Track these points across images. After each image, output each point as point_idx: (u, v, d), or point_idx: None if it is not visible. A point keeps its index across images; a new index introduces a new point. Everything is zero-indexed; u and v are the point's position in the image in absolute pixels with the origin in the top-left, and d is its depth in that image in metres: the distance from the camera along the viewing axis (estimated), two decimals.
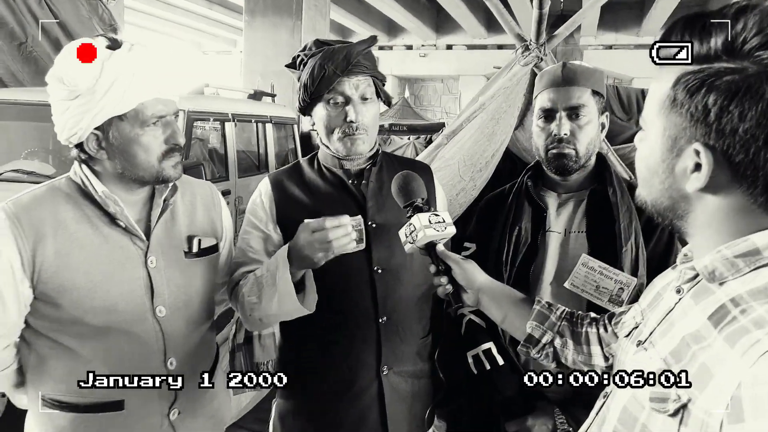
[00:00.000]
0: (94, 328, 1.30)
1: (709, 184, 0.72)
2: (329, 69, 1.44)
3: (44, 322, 1.31)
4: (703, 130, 0.70)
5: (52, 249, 1.26)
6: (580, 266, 1.48)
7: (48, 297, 1.27)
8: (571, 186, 1.60)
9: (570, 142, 1.53)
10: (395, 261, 1.51)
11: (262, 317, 1.43)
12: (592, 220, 1.54)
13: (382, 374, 1.51)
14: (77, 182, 1.34)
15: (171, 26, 16.12)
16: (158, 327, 1.37)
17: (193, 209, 1.50)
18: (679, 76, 0.73)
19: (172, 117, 1.34)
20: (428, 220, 1.23)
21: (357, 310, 1.50)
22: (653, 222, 1.52)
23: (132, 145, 1.29)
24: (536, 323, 1.20)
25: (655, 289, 0.95)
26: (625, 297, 1.43)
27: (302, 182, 1.57)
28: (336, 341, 1.51)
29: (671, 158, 0.75)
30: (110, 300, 1.30)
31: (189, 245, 1.44)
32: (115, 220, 1.32)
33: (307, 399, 1.57)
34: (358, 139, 1.48)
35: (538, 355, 1.21)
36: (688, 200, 0.76)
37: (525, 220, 1.59)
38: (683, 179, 0.75)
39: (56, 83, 1.27)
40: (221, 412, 1.60)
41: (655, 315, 0.86)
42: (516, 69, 2.90)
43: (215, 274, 1.54)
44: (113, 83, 1.23)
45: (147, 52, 1.29)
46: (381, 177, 1.54)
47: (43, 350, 1.33)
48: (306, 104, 1.52)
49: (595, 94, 1.56)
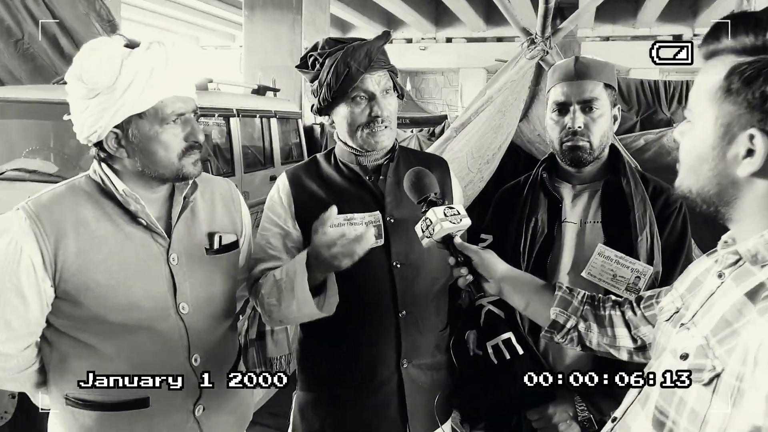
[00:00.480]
0: (116, 326, 1.30)
1: (762, 168, 0.76)
2: (353, 67, 1.44)
3: (66, 320, 1.31)
4: (760, 116, 0.75)
5: (74, 247, 1.26)
6: (597, 256, 1.50)
7: (70, 295, 1.27)
8: (586, 177, 1.63)
9: (584, 135, 1.55)
10: (414, 255, 1.52)
11: (282, 319, 1.45)
12: (607, 210, 1.56)
13: (402, 367, 1.53)
14: (97, 181, 1.34)
15: (168, 21, 16.05)
16: (182, 324, 1.37)
17: (213, 206, 1.50)
18: (733, 66, 0.77)
19: (191, 114, 1.34)
20: (443, 213, 1.24)
21: (377, 304, 1.52)
22: (667, 211, 1.55)
23: (152, 142, 1.29)
24: (560, 309, 1.22)
25: (691, 275, 0.98)
26: (642, 285, 1.45)
27: (320, 178, 1.58)
28: (356, 335, 1.53)
29: (723, 145, 0.79)
30: (133, 297, 1.30)
31: (210, 242, 1.44)
32: (136, 218, 1.32)
33: (327, 392, 1.59)
34: (384, 133, 1.50)
35: (562, 340, 1.23)
36: (737, 186, 0.80)
37: (541, 212, 1.61)
38: (734, 165, 0.79)
39: (75, 82, 1.26)
40: (244, 407, 1.60)
41: (697, 299, 0.89)
42: (522, 62, 2.92)
43: (236, 270, 1.55)
44: (132, 81, 1.23)
45: (165, 49, 1.29)
46: (398, 172, 1.55)
47: (65, 349, 1.33)
48: (327, 104, 1.52)
49: (607, 87, 1.58)
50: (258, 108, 6.01)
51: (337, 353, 1.56)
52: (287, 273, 1.39)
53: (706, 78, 0.82)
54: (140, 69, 1.24)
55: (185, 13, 15.37)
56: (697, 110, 0.83)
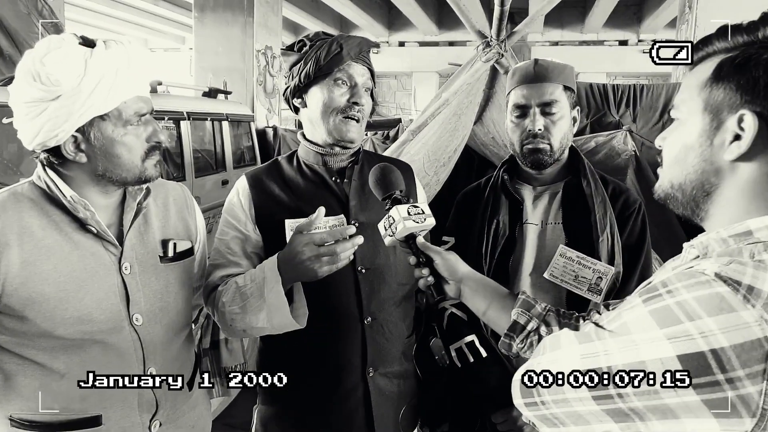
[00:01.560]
0: (66, 341, 1.23)
1: (747, 151, 0.77)
2: (345, 48, 1.45)
3: (10, 336, 1.23)
4: (750, 97, 0.77)
5: (18, 259, 1.18)
6: (558, 257, 1.51)
7: (13, 310, 1.19)
8: (546, 179, 1.64)
9: (544, 137, 1.56)
10: (379, 260, 1.50)
11: (246, 329, 1.38)
12: (568, 211, 1.57)
13: (368, 376, 1.50)
14: (42, 187, 1.26)
15: (116, 23, 15.61)
16: (136, 336, 1.31)
17: (167, 212, 1.45)
18: (724, 58, 0.80)
19: (150, 115, 1.30)
20: (407, 211, 1.22)
21: (341, 310, 1.48)
22: (626, 212, 1.57)
23: (115, 145, 1.24)
24: (522, 310, 1.20)
25: (666, 271, 0.98)
26: (604, 286, 1.46)
27: (282, 180, 1.54)
28: (320, 343, 1.49)
29: (710, 131, 0.81)
30: (83, 310, 1.23)
31: (164, 249, 1.39)
32: (85, 226, 1.26)
33: (291, 403, 1.54)
34: (355, 124, 1.48)
35: (521, 344, 1.19)
36: (719, 174, 0.81)
37: (503, 213, 1.61)
38: (720, 151, 0.80)
39: (30, 82, 1.17)
40: (202, 421, 1.55)
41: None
42: (477, 65, 2.94)
43: (191, 278, 1.49)
44: (99, 82, 1.18)
45: (126, 49, 1.24)
46: (363, 175, 1.52)
47: (10, 367, 1.25)
48: (308, 82, 1.48)
49: (567, 90, 1.59)
50: (209, 111, 5.91)
51: (301, 362, 1.51)
52: (252, 279, 1.34)
53: (694, 77, 0.84)
54: (106, 69, 1.19)
55: (133, 15, 14.97)
56: (683, 107, 0.85)
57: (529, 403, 0.82)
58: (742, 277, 0.67)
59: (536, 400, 0.80)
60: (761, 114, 0.76)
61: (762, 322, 0.63)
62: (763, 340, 0.63)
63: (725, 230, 0.79)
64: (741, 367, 0.63)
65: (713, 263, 0.70)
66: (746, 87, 0.77)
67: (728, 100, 0.79)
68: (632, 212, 1.58)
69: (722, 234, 0.79)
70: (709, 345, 0.64)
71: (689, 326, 0.65)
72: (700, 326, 0.65)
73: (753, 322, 0.63)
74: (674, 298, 0.68)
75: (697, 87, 0.82)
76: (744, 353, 0.63)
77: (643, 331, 0.69)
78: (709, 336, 0.64)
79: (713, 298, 0.66)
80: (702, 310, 0.65)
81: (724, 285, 0.66)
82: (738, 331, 0.63)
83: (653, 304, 0.70)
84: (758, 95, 0.76)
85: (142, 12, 14.88)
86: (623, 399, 0.70)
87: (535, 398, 0.80)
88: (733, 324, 0.64)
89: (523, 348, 1.20)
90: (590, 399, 0.73)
